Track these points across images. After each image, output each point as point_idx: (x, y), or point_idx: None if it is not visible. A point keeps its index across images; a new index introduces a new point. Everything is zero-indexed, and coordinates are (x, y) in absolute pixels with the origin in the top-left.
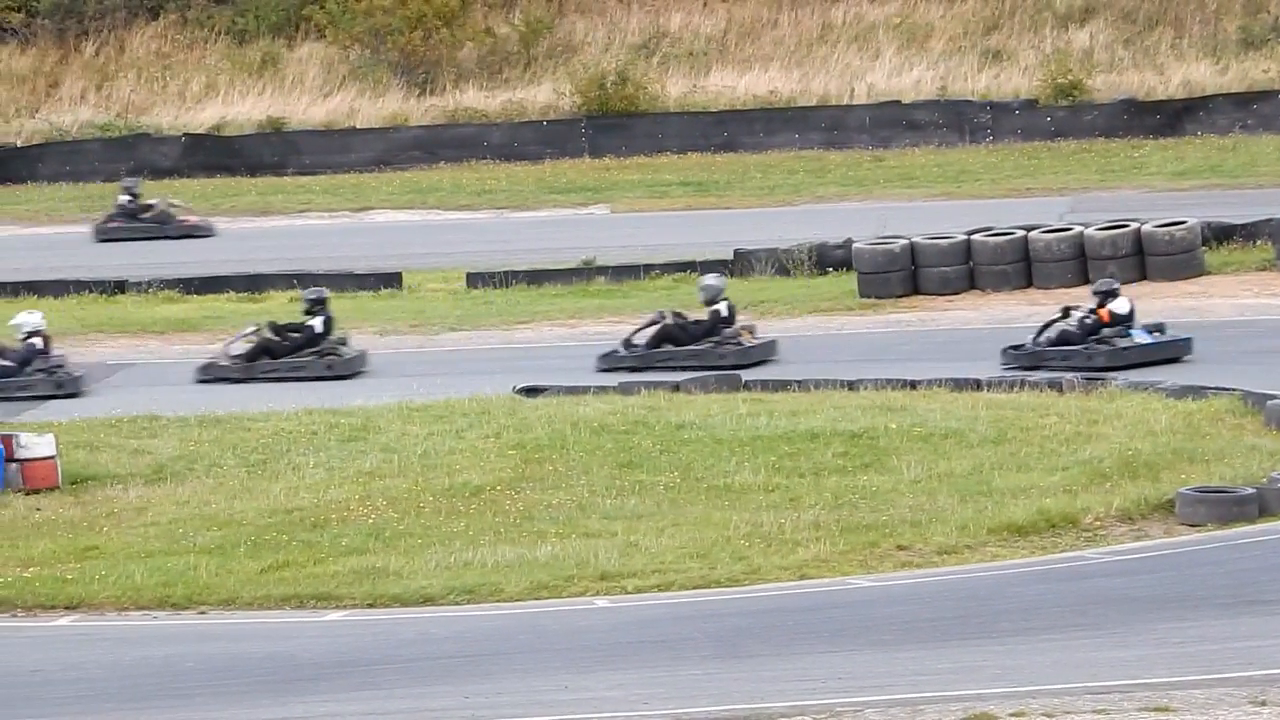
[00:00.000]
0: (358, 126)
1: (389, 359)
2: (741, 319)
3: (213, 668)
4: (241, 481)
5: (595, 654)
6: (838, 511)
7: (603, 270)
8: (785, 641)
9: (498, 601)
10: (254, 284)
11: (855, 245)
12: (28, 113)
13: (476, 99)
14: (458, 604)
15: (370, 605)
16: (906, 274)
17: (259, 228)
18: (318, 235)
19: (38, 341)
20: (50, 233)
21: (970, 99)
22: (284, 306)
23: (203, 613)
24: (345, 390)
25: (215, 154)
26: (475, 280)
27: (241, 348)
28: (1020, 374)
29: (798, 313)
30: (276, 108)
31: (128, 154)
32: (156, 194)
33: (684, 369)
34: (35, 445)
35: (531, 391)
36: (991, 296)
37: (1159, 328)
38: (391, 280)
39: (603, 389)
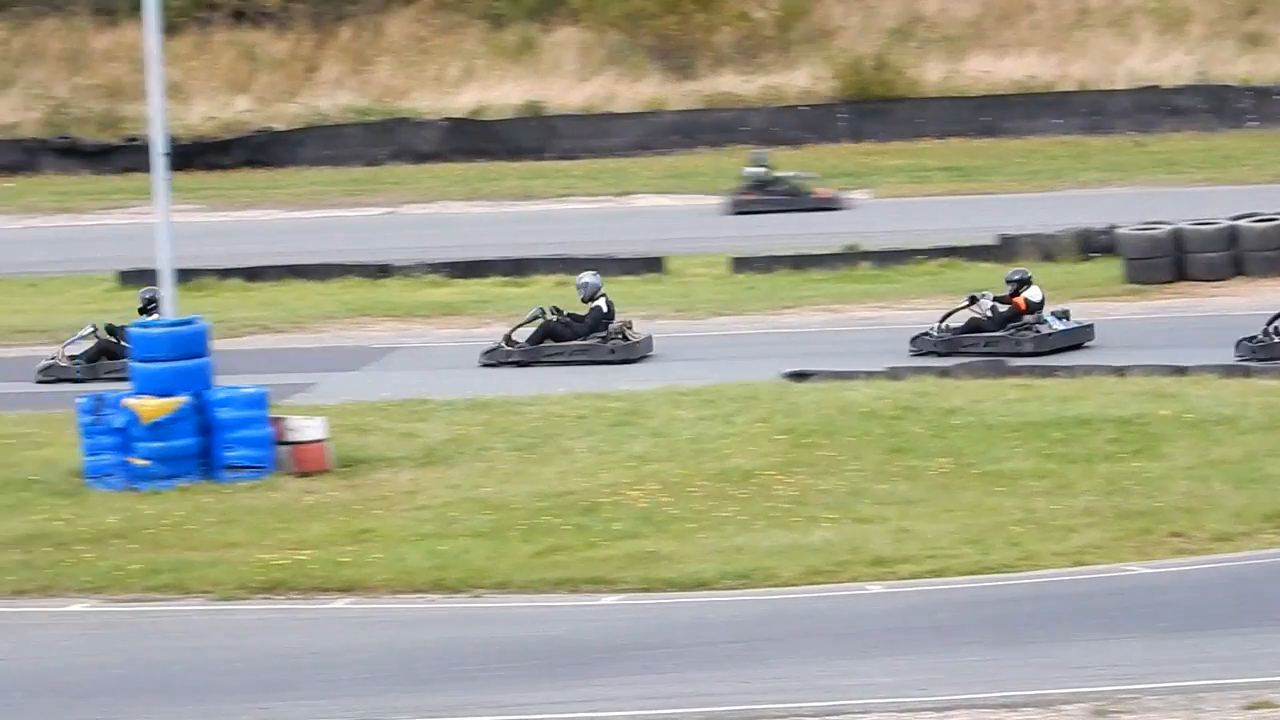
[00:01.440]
0: (615, 111)
1: (655, 343)
2: (621, 316)
3: (489, 652)
4: (512, 465)
5: (870, 639)
6: (1111, 498)
7: (866, 255)
8: (1062, 628)
9: (771, 587)
10: (518, 268)
11: (1120, 231)
12: (287, 97)
13: (734, 84)
14: (731, 589)
15: (644, 590)
16: (1172, 260)
17: (521, 212)
18: (579, 220)
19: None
20: (313, 216)
21: (1232, 84)
22: (548, 290)
23: (477, 596)
24: (613, 375)
25: (475, 138)
26: (740, 265)
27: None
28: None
29: (1063, 299)
30: (534, 92)
31: (387, 138)
32: (789, 167)
33: (570, 364)
34: (306, 428)
35: (799, 376)
36: (1259, 282)
37: (1065, 314)
38: (654, 265)
39: (871, 374)
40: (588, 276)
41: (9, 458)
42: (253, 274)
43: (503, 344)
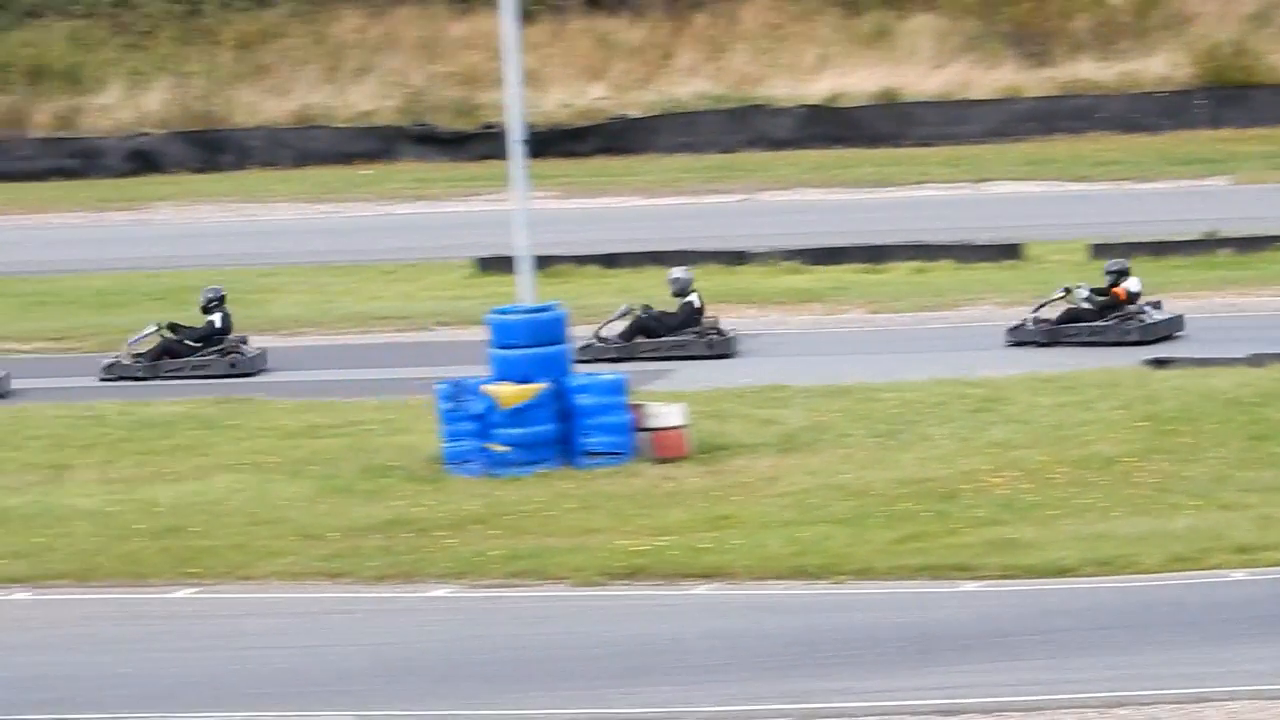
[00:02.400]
0: (971, 98)
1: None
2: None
3: (849, 638)
4: (871, 452)
5: (1234, 627)
6: None
7: (1226, 242)
8: None
9: (1133, 574)
10: (874, 254)
11: None
12: (642, 85)
13: (1091, 70)
14: (1093, 576)
15: (1004, 577)
16: None
17: (877, 199)
18: (936, 206)
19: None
20: (668, 204)
21: None
22: (903, 278)
23: (837, 583)
24: (975, 360)
25: (831, 125)
26: (1100, 251)
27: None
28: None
29: None
30: (890, 79)
31: (742, 125)
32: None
33: (667, 359)
34: (665, 415)
35: (1160, 363)
36: None
37: (1158, 304)
38: (1011, 252)
39: (1232, 361)
40: (679, 272)
41: (369, 443)
42: (610, 260)
43: (594, 340)
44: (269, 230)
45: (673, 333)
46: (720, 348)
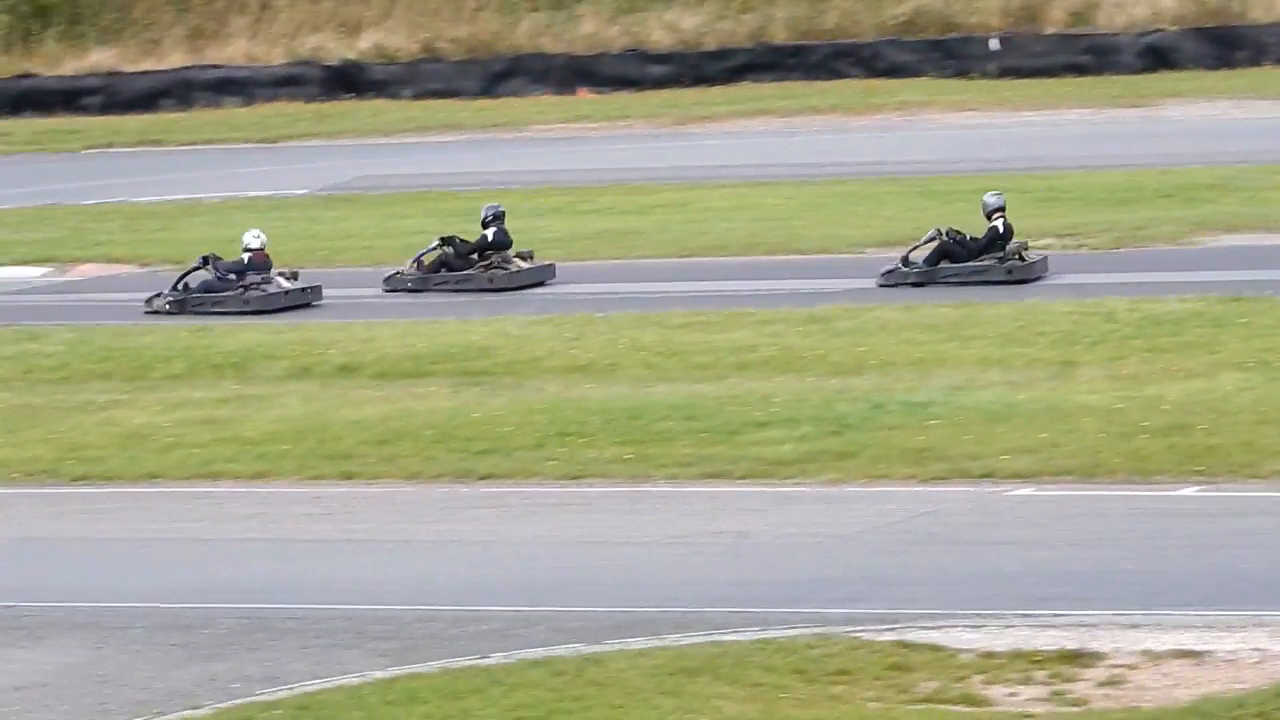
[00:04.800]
0: None
1: None
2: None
3: None
4: None
5: None
6: None
7: None
8: None
9: None
10: None
11: None
12: None
13: None
14: None
15: None
16: None
17: None
18: None
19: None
20: None
21: None
22: None
23: None
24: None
25: None
26: None
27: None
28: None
29: None
30: None
31: None
32: None
33: (967, 284)
34: None
35: None
36: None
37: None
38: None
39: None
40: (989, 196)
41: None
42: None
43: (900, 265)
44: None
45: (975, 257)
46: (1020, 273)
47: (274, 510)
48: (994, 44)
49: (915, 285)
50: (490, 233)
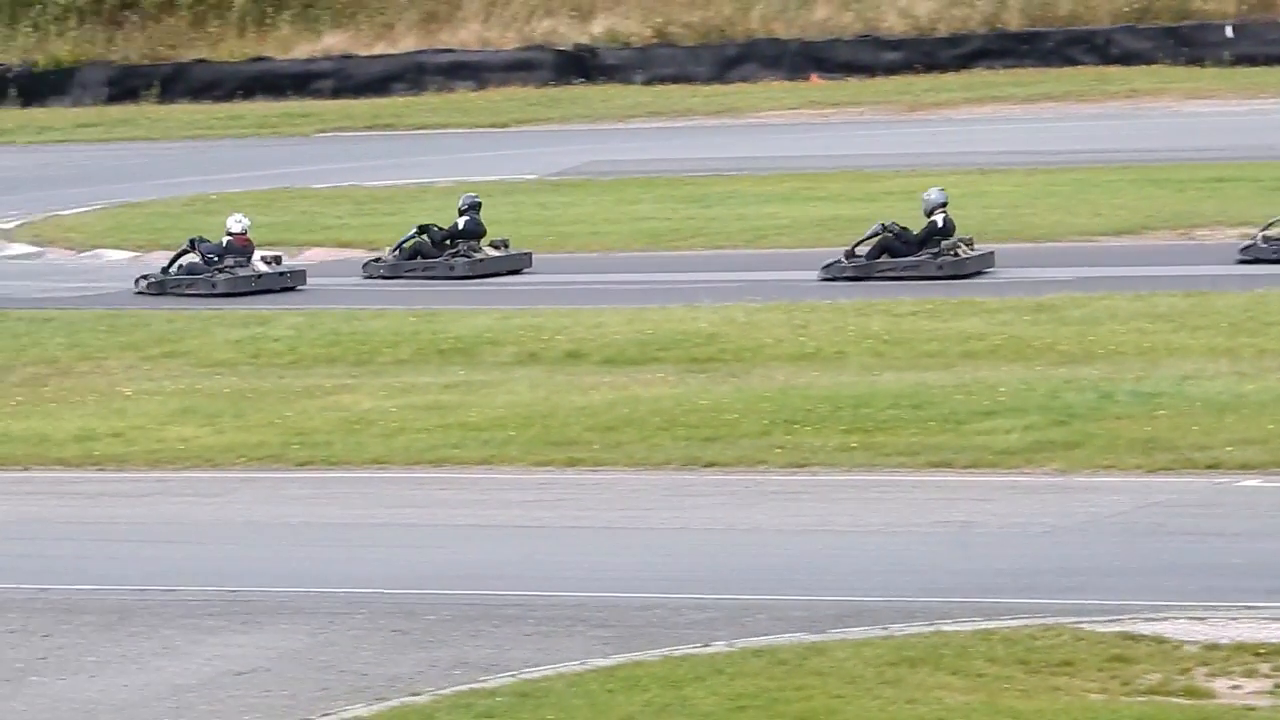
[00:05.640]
0: None
1: None
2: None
3: None
4: None
5: None
6: None
7: None
8: None
9: None
10: None
11: None
12: None
13: None
14: None
15: None
16: None
17: None
18: None
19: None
20: None
21: None
22: None
23: None
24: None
25: None
26: None
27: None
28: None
29: None
30: None
31: None
32: None
33: (902, 279)
34: None
35: None
36: None
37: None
38: None
39: None
40: (931, 192)
41: None
42: None
43: (843, 258)
44: None
45: (912, 253)
46: (951, 269)
47: (497, 496)
48: (1229, 31)
49: (852, 279)
50: (462, 221)
